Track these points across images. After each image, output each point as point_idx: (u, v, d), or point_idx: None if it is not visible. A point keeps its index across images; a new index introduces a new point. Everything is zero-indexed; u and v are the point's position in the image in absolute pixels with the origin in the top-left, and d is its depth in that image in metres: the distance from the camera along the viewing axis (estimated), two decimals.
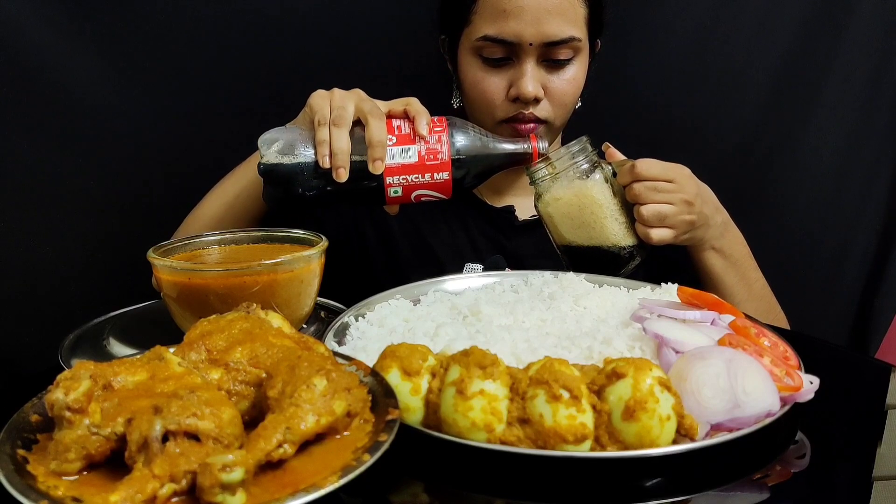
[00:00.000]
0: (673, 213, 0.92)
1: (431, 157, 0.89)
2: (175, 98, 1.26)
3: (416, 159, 0.89)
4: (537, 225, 1.04)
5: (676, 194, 0.92)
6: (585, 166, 0.94)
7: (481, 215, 1.17)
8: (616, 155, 0.98)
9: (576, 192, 0.93)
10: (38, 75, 1.15)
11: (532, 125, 1.06)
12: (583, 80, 1.10)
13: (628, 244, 0.95)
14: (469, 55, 1.08)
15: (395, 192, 0.90)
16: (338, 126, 0.86)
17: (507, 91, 1.05)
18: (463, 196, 0.97)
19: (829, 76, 1.39)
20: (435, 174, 0.89)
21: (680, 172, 0.94)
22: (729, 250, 1.03)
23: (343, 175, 0.86)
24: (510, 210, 1.17)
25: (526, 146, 0.93)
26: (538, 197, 0.97)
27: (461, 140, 0.90)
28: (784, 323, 1.11)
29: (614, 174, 0.95)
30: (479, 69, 1.07)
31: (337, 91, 0.91)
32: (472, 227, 1.17)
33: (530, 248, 1.15)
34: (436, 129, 0.90)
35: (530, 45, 1.02)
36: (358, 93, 0.92)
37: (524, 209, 1.17)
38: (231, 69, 1.28)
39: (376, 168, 0.87)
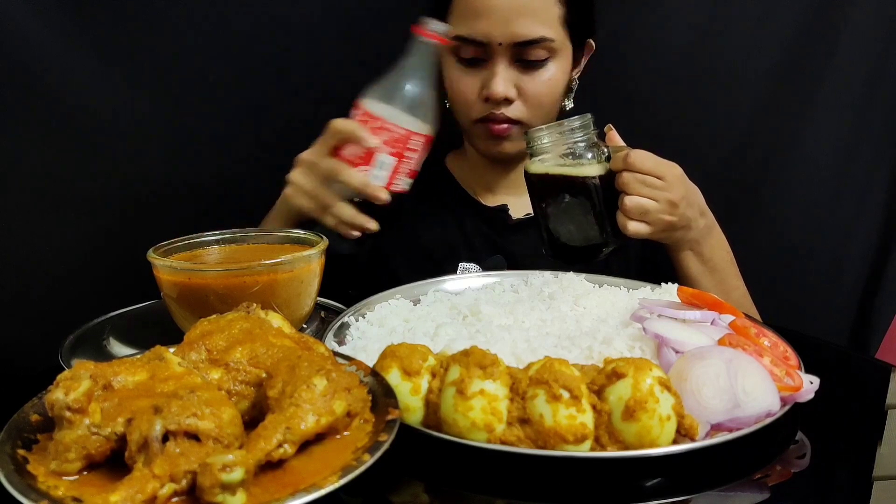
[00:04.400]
0: (655, 209, 0.92)
1: (397, 143, 0.91)
2: (175, 98, 1.26)
3: (393, 159, 0.91)
4: (531, 224, 1.03)
5: (663, 192, 0.92)
6: (582, 144, 0.93)
7: (475, 214, 1.18)
8: (616, 139, 0.97)
9: (566, 166, 0.93)
10: (38, 75, 1.15)
11: (505, 126, 1.07)
12: (562, 81, 1.09)
13: (605, 230, 0.94)
14: (447, 55, 1.08)
15: (405, 184, 0.94)
16: (330, 206, 0.91)
17: (481, 91, 1.06)
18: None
19: (827, 76, 1.39)
20: (410, 145, 0.92)
21: (671, 171, 0.94)
22: (709, 254, 1.03)
23: (373, 224, 0.91)
24: (504, 209, 1.17)
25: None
26: (529, 162, 0.96)
27: (381, 105, 0.92)
28: None
29: (609, 158, 0.95)
30: (456, 69, 1.07)
31: (295, 177, 0.95)
32: (467, 225, 1.17)
33: (524, 246, 1.15)
34: (370, 125, 0.91)
35: (500, 45, 1.02)
36: (304, 163, 0.94)
37: (518, 207, 1.17)
38: (231, 69, 1.27)
39: (384, 197, 0.91)
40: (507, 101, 1.05)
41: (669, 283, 0.87)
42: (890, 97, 1.41)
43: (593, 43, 1.16)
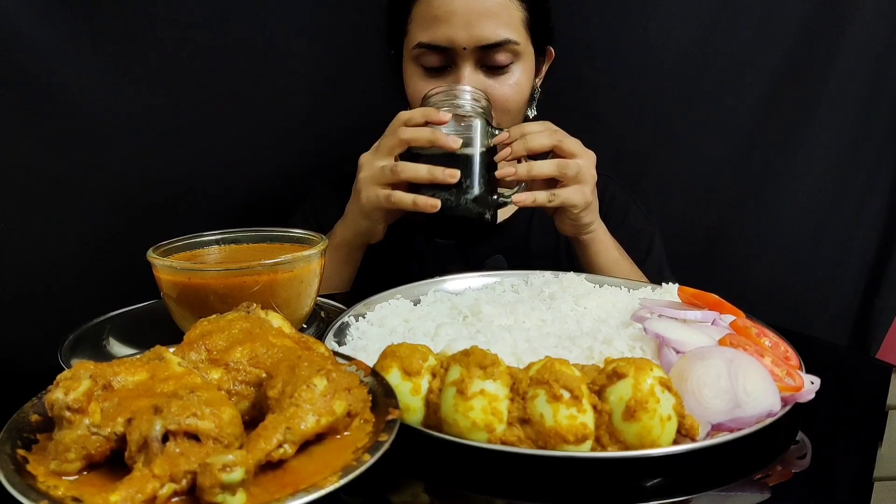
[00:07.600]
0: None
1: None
2: (175, 98, 1.26)
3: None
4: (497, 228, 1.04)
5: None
6: (469, 109, 0.95)
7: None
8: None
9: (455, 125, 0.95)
10: (38, 75, 1.15)
11: None
12: (527, 86, 1.08)
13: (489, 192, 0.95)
14: (411, 66, 1.07)
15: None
16: (400, 172, 0.92)
17: None
18: None
19: (829, 77, 1.39)
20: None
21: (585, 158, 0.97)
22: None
23: (453, 174, 0.91)
24: None
25: None
26: None
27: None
28: None
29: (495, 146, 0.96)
30: (420, 79, 1.06)
31: (364, 159, 0.97)
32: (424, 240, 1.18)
33: (492, 249, 1.15)
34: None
35: (464, 49, 1.01)
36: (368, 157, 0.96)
37: None
38: (231, 70, 1.28)
39: (454, 146, 0.92)
40: None
41: (670, 283, 0.87)
42: (892, 98, 1.41)
43: (553, 50, 1.15)
